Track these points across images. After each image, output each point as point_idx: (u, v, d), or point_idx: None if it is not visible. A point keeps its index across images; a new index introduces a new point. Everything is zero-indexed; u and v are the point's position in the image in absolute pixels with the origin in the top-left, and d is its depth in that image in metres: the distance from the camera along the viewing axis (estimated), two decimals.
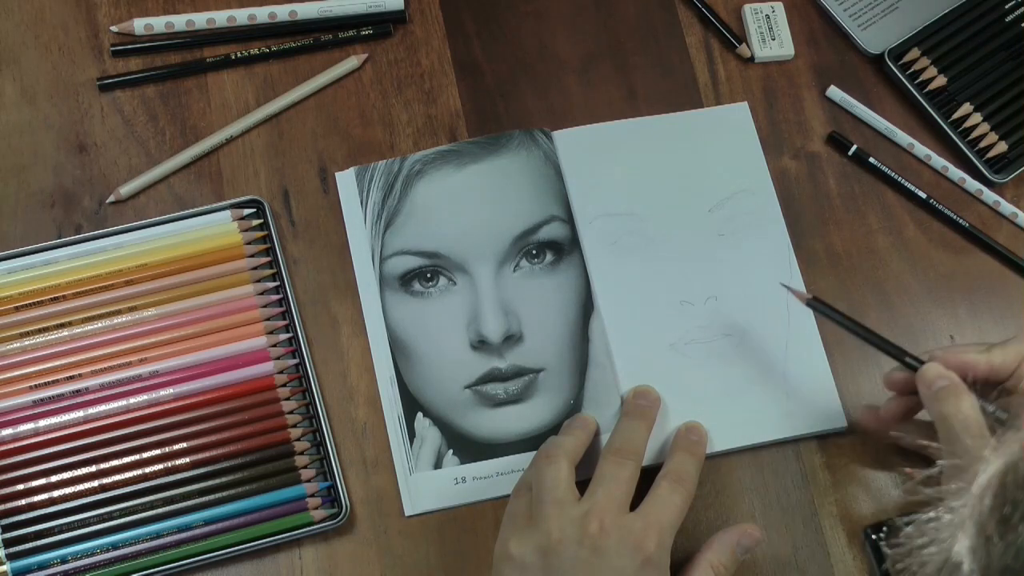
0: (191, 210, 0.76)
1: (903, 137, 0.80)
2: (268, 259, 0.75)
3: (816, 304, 0.70)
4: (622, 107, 0.80)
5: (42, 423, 0.70)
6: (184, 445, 0.70)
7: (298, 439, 0.71)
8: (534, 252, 0.75)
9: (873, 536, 0.53)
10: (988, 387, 0.63)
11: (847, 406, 0.73)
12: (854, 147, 0.79)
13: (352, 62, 0.80)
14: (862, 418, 0.72)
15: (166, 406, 0.71)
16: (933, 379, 0.63)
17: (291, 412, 0.71)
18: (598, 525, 0.62)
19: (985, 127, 0.80)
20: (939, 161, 0.79)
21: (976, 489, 0.36)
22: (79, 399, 0.71)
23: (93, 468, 0.69)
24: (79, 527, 0.69)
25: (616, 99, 0.81)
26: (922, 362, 0.65)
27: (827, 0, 0.83)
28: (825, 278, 0.76)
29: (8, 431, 0.70)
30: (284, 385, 0.72)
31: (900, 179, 0.78)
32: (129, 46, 0.81)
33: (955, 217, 0.78)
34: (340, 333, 0.74)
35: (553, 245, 0.76)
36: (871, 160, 0.79)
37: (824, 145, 0.80)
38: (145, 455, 0.70)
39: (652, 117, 0.80)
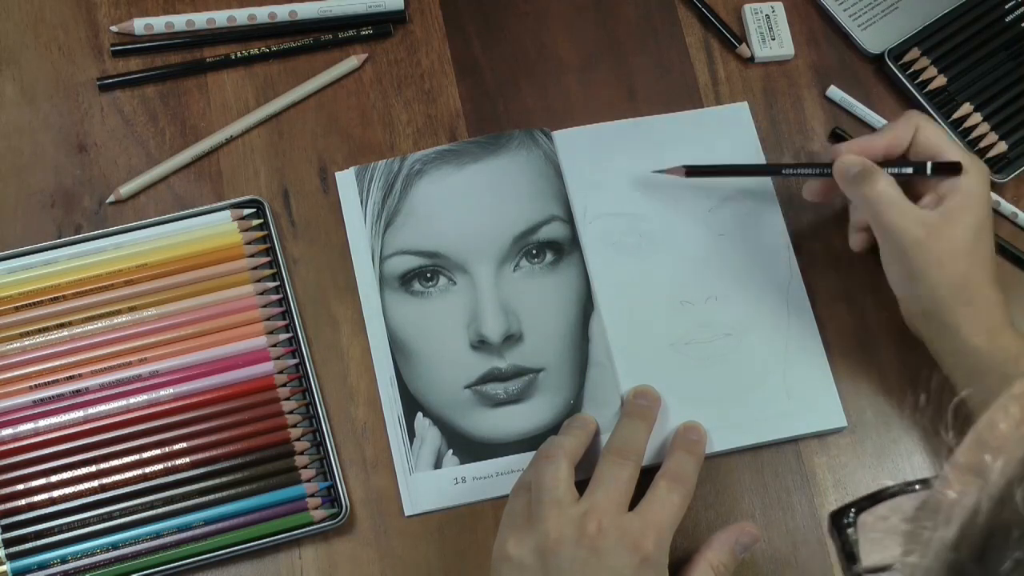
0: (191, 210, 0.76)
1: None
2: (268, 259, 0.75)
3: (693, 170, 0.75)
4: (622, 107, 0.80)
5: (42, 423, 0.70)
6: (184, 445, 0.70)
7: (298, 439, 0.71)
8: (534, 252, 0.75)
9: (843, 521, 0.52)
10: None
11: (847, 406, 0.73)
12: None
13: (352, 62, 0.80)
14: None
15: (166, 406, 0.71)
16: (847, 167, 0.69)
17: (291, 412, 0.71)
18: (596, 525, 0.62)
19: (985, 127, 0.80)
20: None
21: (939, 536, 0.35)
22: (79, 399, 0.71)
23: (93, 468, 0.70)
24: (79, 527, 0.69)
25: (616, 99, 0.81)
26: (830, 165, 0.70)
27: (827, 0, 0.83)
28: (825, 278, 0.76)
29: (8, 431, 0.70)
30: (284, 385, 0.72)
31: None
32: (129, 46, 0.81)
33: None
34: (340, 333, 0.74)
35: (553, 245, 0.76)
36: None
37: (825, 144, 0.80)
38: (145, 455, 0.70)
39: (652, 117, 0.80)
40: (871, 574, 0.46)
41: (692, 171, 0.76)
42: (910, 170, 0.70)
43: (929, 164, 0.69)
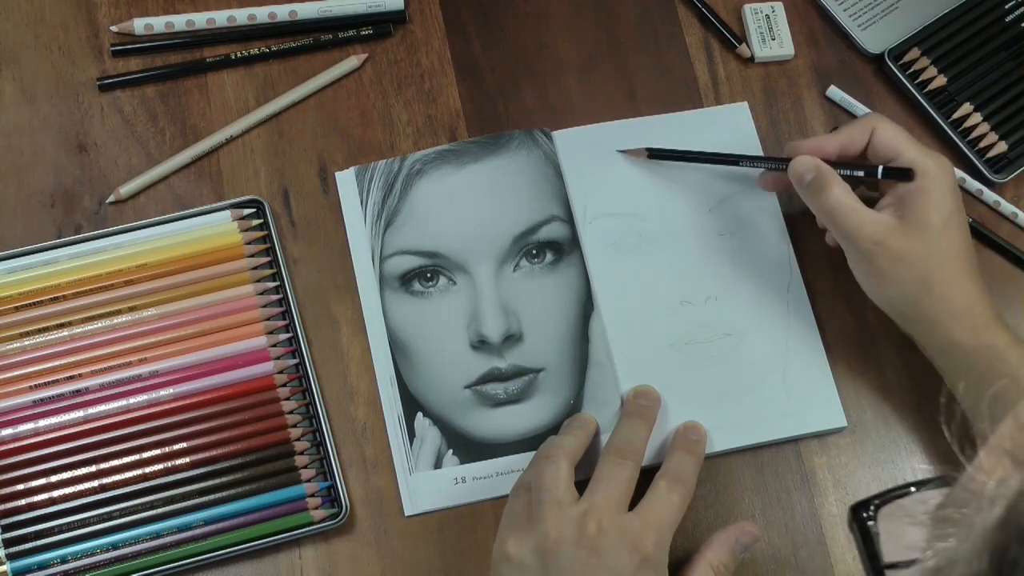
0: (191, 210, 0.76)
1: None
2: (268, 259, 0.75)
3: (654, 152, 0.76)
4: (622, 107, 0.80)
5: (42, 423, 0.70)
6: (184, 445, 0.70)
7: (298, 439, 0.71)
8: (534, 252, 0.75)
9: (863, 515, 0.53)
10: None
11: (847, 406, 0.73)
12: None
13: (352, 62, 0.80)
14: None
15: (166, 406, 0.71)
16: (802, 173, 0.70)
17: (291, 412, 0.71)
18: (596, 525, 0.62)
19: (985, 127, 0.80)
20: None
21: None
22: (79, 399, 0.71)
23: (93, 468, 0.70)
24: (79, 527, 0.69)
25: (616, 99, 0.81)
26: (787, 161, 0.71)
27: (827, 0, 0.83)
28: (825, 278, 0.76)
29: (8, 431, 0.70)
30: (284, 385, 0.72)
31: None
32: (129, 46, 0.81)
33: None
34: (340, 333, 0.74)
35: (553, 245, 0.76)
36: None
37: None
38: (145, 455, 0.70)
39: (652, 117, 0.80)
40: (893, 568, 0.46)
41: (654, 154, 0.77)
42: (861, 174, 0.70)
43: (880, 168, 0.69)
